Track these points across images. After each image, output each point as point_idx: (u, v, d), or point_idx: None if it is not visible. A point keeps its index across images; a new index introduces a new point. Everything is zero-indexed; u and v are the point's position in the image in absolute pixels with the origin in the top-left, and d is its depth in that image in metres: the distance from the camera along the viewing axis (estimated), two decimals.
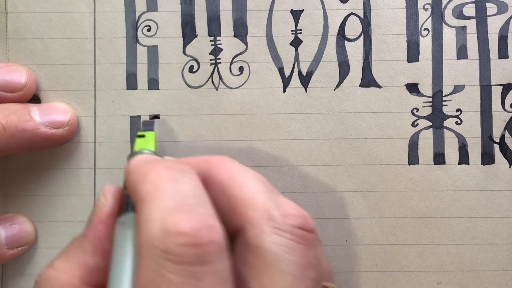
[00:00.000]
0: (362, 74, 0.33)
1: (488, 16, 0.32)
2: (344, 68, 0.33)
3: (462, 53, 0.32)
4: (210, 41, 0.33)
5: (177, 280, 0.20)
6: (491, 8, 0.32)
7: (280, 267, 0.21)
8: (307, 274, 0.22)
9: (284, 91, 0.33)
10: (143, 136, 0.29)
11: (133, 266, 0.22)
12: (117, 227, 0.24)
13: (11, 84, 0.31)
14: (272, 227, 0.22)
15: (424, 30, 0.33)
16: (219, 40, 0.33)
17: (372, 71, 0.33)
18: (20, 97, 0.31)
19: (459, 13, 0.33)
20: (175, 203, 0.21)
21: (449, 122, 0.32)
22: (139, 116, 0.33)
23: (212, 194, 0.24)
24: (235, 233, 0.23)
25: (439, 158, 0.32)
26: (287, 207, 0.23)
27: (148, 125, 0.31)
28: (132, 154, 0.27)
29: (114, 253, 0.23)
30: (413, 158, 0.32)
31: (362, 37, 0.33)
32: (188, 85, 0.33)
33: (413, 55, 0.33)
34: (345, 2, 0.33)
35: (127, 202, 0.25)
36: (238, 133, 0.33)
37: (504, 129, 0.32)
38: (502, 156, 0.32)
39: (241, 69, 0.33)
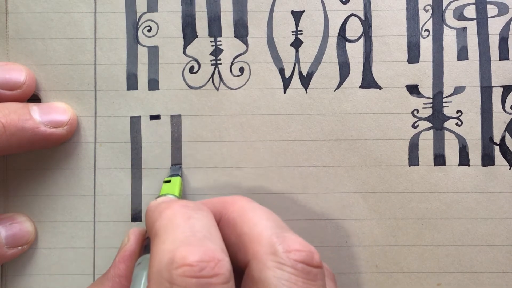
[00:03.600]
0: (363, 75, 0.33)
1: (489, 17, 0.32)
2: (344, 69, 0.33)
3: (462, 54, 0.32)
4: (211, 41, 0.33)
5: None
6: (491, 10, 0.32)
7: None
8: None
9: (285, 92, 0.33)
10: (169, 181, 0.31)
11: None
12: (135, 267, 0.26)
13: (11, 82, 0.31)
14: (275, 261, 0.23)
15: (424, 31, 0.33)
16: (220, 41, 0.33)
17: (373, 72, 0.33)
18: (20, 95, 0.31)
19: (459, 15, 0.33)
20: (185, 236, 0.22)
21: (449, 124, 0.32)
22: (139, 116, 0.33)
23: (225, 232, 0.25)
24: (244, 269, 0.24)
25: (439, 159, 0.32)
26: (292, 242, 0.23)
27: (175, 170, 0.32)
28: (157, 198, 0.29)
29: None
30: (413, 160, 0.32)
31: (362, 38, 0.33)
32: (189, 86, 0.33)
33: (413, 56, 0.33)
34: (346, 3, 0.33)
35: (147, 244, 0.27)
36: (238, 134, 0.32)
37: (505, 131, 0.32)
38: (502, 157, 0.32)
39: (241, 69, 0.33)
